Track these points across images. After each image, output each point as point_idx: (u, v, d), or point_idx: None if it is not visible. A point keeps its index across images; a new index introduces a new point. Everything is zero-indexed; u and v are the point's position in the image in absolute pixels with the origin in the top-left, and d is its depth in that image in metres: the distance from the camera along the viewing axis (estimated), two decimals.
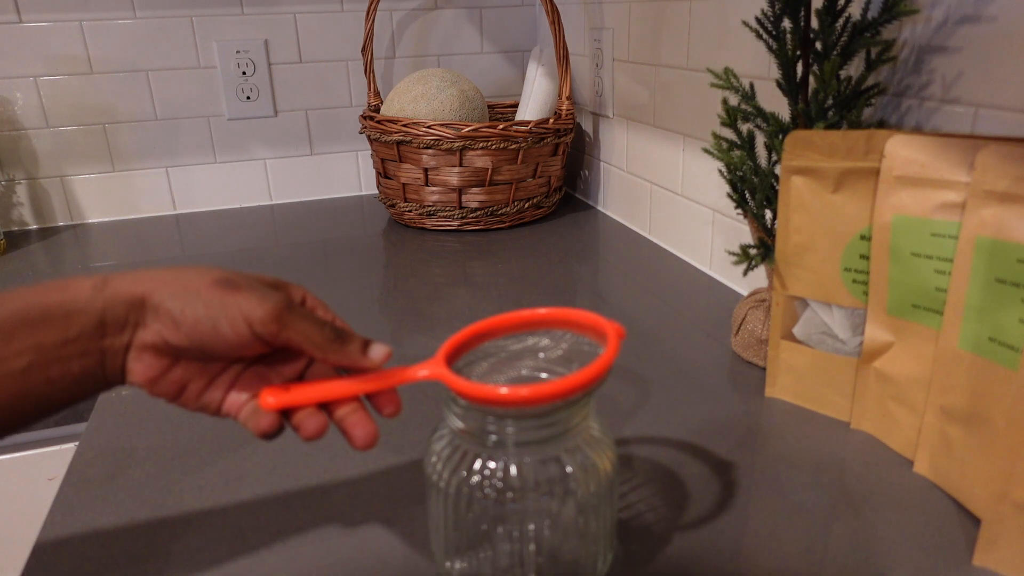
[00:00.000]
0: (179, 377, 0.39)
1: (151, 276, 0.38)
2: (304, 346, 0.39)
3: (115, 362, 0.38)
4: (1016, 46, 0.51)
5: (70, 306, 0.36)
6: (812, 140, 0.55)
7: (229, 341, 0.37)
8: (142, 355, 0.38)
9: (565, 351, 0.44)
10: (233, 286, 0.38)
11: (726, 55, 0.83)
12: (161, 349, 0.38)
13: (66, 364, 0.36)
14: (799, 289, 0.60)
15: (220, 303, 0.37)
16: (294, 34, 1.25)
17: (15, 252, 1.09)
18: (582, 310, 0.42)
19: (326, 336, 0.39)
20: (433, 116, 1.08)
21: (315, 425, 0.39)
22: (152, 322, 0.37)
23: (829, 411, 0.61)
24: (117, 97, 1.19)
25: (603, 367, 0.37)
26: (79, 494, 0.53)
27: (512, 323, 0.43)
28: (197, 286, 0.38)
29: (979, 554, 0.45)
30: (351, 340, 0.40)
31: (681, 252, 0.99)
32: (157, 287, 0.37)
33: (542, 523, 0.41)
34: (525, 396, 0.36)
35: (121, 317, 0.37)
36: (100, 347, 0.37)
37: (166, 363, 0.39)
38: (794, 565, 0.45)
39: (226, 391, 0.41)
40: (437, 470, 0.40)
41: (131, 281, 0.38)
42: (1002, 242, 0.45)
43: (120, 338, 0.37)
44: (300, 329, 0.38)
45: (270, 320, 0.37)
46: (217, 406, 0.41)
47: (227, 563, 0.46)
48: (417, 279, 0.94)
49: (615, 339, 0.39)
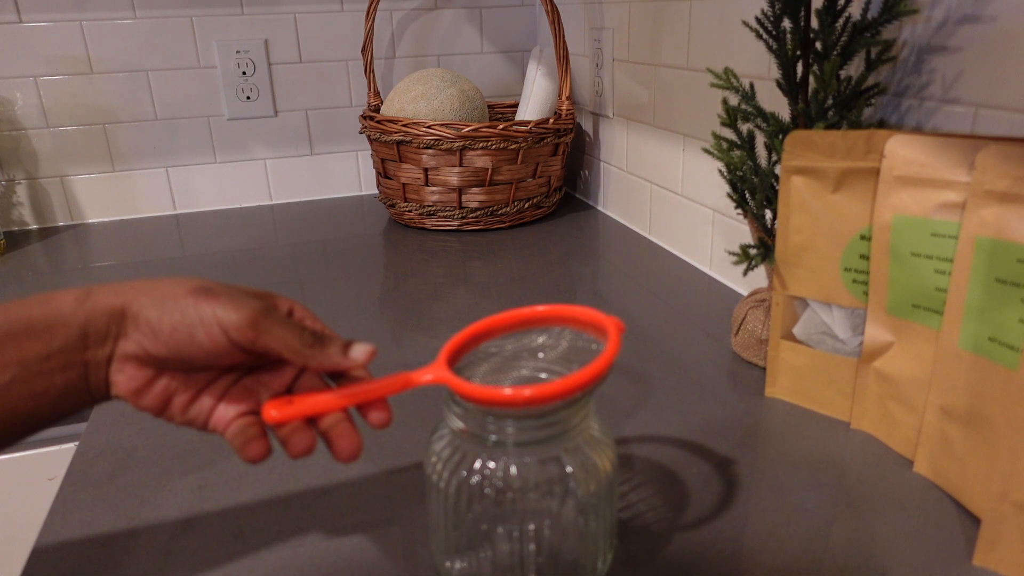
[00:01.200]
0: (163, 389, 0.39)
1: (131, 287, 0.38)
2: (283, 352, 0.38)
3: (98, 375, 0.38)
4: (1016, 46, 0.51)
5: (53, 319, 0.37)
6: (812, 140, 0.55)
7: (206, 349, 0.37)
8: (124, 366, 0.38)
9: (565, 349, 0.44)
10: (210, 294, 0.38)
11: (726, 55, 0.83)
12: (142, 359, 0.38)
13: (49, 378, 0.36)
14: (799, 289, 0.60)
15: (195, 310, 0.37)
16: (294, 34, 1.25)
17: (15, 252, 1.09)
18: (580, 306, 0.42)
19: (304, 340, 0.39)
20: (433, 116, 1.08)
21: (304, 442, 0.39)
22: (132, 332, 0.37)
23: (829, 411, 0.61)
24: (117, 97, 1.19)
25: (605, 363, 0.37)
26: (79, 494, 0.53)
27: (511, 321, 0.43)
28: (175, 294, 0.38)
29: (979, 554, 0.45)
30: (331, 343, 0.40)
31: (681, 252, 0.99)
32: (136, 297, 0.38)
33: (542, 523, 0.41)
34: (529, 397, 0.36)
35: (103, 328, 0.37)
36: (83, 359, 0.37)
37: (149, 374, 0.39)
38: (794, 565, 0.45)
39: (213, 405, 0.40)
40: (437, 470, 0.40)
41: (112, 292, 0.38)
42: (1002, 242, 0.45)
43: (102, 350, 0.38)
44: (276, 335, 0.38)
45: (245, 326, 0.37)
46: (204, 420, 0.40)
47: (227, 563, 0.46)
48: (417, 279, 0.94)
49: (615, 334, 0.39)
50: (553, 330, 0.44)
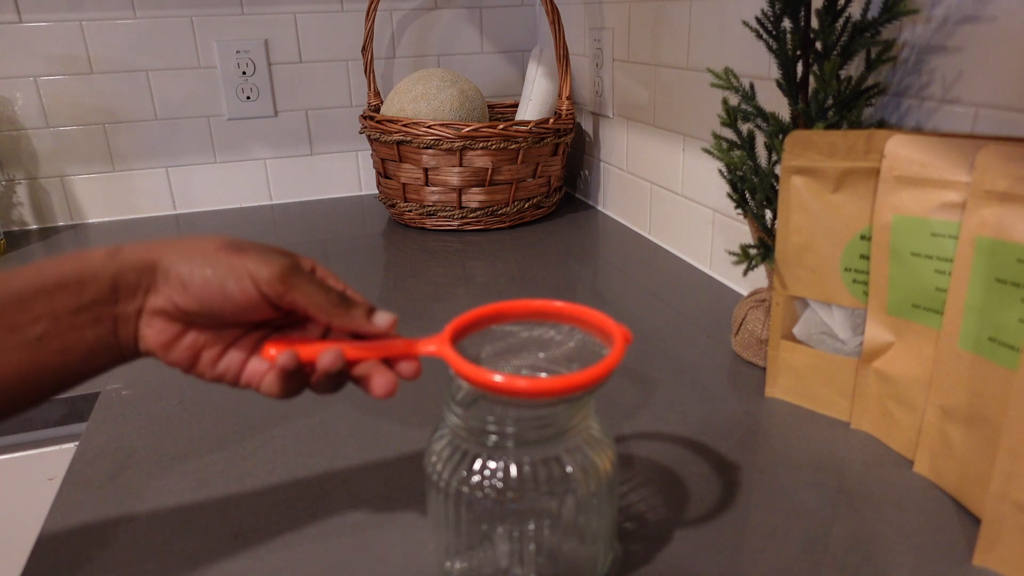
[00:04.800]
0: (192, 343, 0.40)
1: (161, 244, 0.40)
2: (309, 309, 0.40)
3: (128, 329, 0.39)
4: (1016, 46, 0.51)
5: (84, 273, 0.37)
6: (812, 140, 0.55)
7: (237, 302, 0.38)
8: (153, 320, 0.39)
9: (572, 348, 0.44)
10: (241, 248, 0.39)
11: (726, 55, 0.83)
12: (171, 314, 0.39)
13: (80, 332, 0.37)
14: (799, 289, 0.60)
15: (227, 264, 0.38)
16: (294, 34, 1.25)
17: (15, 252, 1.09)
18: (593, 309, 0.42)
19: (331, 300, 0.40)
20: (433, 116, 1.08)
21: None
22: (163, 286, 0.38)
23: (829, 411, 0.61)
24: (117, 97, 1.19)
25: (604, 370, 0.37)
26: (79, 494, 0.53)
27: (523, 310, 0.43)
28: (205, 250, 0.39)
29: (979, 554, 0.45)
30: (356, 305, 0.41)
31: (681, 252, 0.99)
32: (167, 253, 0.39)
33: (542, 523, 0.41)
34: (522, 388, 0.36)
35: (133, 283, 0.38)
36: (113, 313, 0.38)
37: (177, 329, 0.40)
38: (794, 565, 0.45)
39: (244, 360, 0.41)
40: (437, 470, 0.40)
41: (143, 249, 0.39)
42: (1002, 242, 0.45)
43: (132, 303, 0.38)
44: (305, 292, 0.39)
45: (276, 280, 0.38)
46: (235, 375, 0.41)
47: (227, 563, 0.46)
48: (417, 279, 0.94)
49: (621, 343, 0.39)
50: (564, 327, 0.44)
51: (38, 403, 0.38)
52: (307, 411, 0.63)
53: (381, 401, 0.64)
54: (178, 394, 0.67)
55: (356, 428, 0.61)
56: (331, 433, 0.60)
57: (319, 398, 0.65)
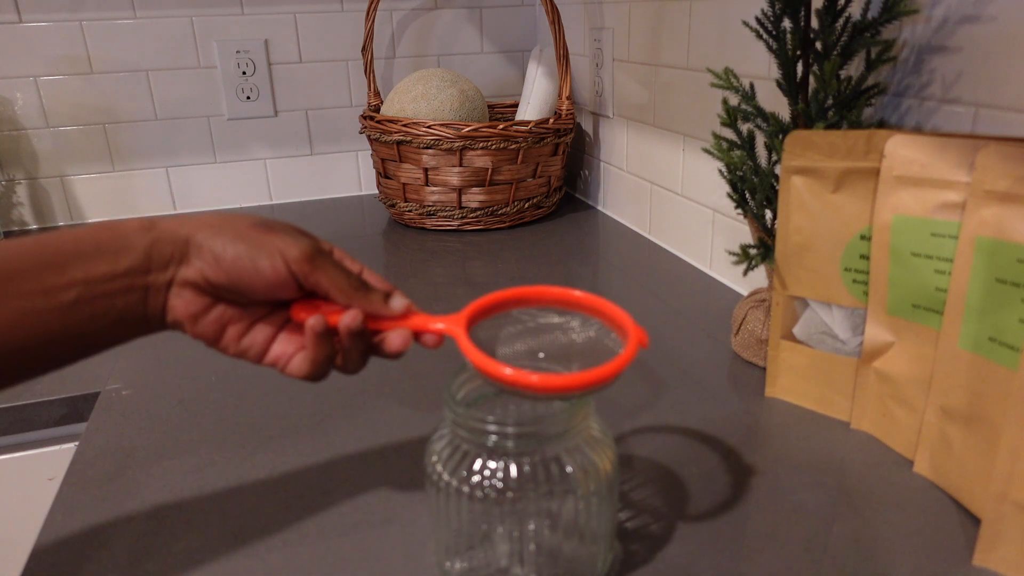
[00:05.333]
0: (219, 316, 0.41)
1: (195, 220, 0.41)
2: (331, 290, 0.41)
3: (157, 299, 0.40)
4: (1016, 46, 0.51)
5: (120, 243, 0.39)
6: (812, 140, 0.55)
7: (267, 278, 0.40)
8: (183, 291, 0.40)
9: (583, 341, 0.44)
10: (271, 228, 0.41)
11: (726, 55, 0.83)
12: (201, 287, 0.40)
13: (111, 300, 0.38)
14: (799, 289, 0.60)
15: (259, 241, 0.40)
16: (294, 34, 1.25)
17: None
18: (614, 304, 0.41)
19: (352, 283, 0.42)
20: (433, 116, 1.08)
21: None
22: (195, 259, 0.40)
23: (829, 411, 0.61)
24: (117, 97, 1.19)
25: (614, 370, 0.37)
26: (79, 494, 0.53)
27: (544, 297, 0.43)
28: (238, 227, 0.41)
29: (979, 554, 0.45)
30: (374, 291, 0.43)
31: (681, 252, 0.99)
32: (200, 228, 0.40)
33: (542, 523, 0.41)
34: (532, 383, 0.36)
35: (166, 254, 0.40)
36: (144, 283, 0.39)
37: (206, 302, 0.41)
38: (794, 565, 0.45)
39: (269, 338, 0.43)
40: (437, 470, 0.40)
41: (177, 223, 0.41)
42: (1002, 242, 0.45)
43: (164, 274, 0.40)
44: (329, 273, 0.41)
45: (303, 259, 0.40)
46: (259, 352, 0.43)
47: (227, 563, 0.46)
48: (417, 279, 0.94)
49: (634, 344, 0.38)
50: (581, 317, 0.44)
51: (60, 367, 0.39)
52: (307, 411, 0.63)
53: (381, 401, 0.64)
54: (178, 394, 0.67)
55: (356, 428, 0.61)
56: (331, 433, 0.60)
57: (319, 398, 0.65)
